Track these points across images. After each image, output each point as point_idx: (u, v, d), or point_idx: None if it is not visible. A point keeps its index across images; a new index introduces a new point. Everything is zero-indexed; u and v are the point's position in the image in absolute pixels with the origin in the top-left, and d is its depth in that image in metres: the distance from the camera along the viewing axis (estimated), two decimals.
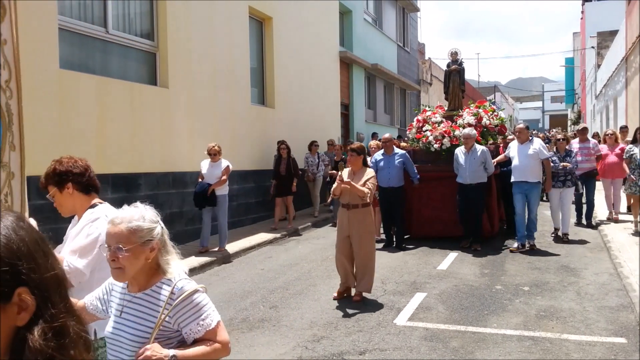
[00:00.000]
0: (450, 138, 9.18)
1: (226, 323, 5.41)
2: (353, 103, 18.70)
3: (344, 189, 5.83)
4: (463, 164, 8.35)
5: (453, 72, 10.33)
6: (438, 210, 9.08)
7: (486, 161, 8.34)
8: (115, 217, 2.02)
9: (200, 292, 2.07)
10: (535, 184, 8.16)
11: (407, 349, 4.64)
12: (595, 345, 4.61)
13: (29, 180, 6.74)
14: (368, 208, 6.00)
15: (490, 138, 9.60)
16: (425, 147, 9.43)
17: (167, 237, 2.11)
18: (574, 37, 47.61)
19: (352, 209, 5.93)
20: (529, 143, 8.18)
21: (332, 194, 6.09)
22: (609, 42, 24.39)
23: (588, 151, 10.13)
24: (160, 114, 8.64)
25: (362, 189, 5.78)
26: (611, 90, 21.75)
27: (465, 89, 10.57)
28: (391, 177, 8.65)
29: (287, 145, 10.73)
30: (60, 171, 2.82)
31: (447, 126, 9.43)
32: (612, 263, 7.34)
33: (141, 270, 2.04)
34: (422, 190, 9.09)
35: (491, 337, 4.86)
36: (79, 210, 2.84)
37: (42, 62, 6.56)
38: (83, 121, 7.16)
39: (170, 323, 2.01)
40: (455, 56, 10.34)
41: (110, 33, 7.91)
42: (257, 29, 12.23)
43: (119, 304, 2.12)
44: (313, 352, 4.63)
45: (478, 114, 9.58)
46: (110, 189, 7.54)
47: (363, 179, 5.93)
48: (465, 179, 8.34)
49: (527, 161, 8.08)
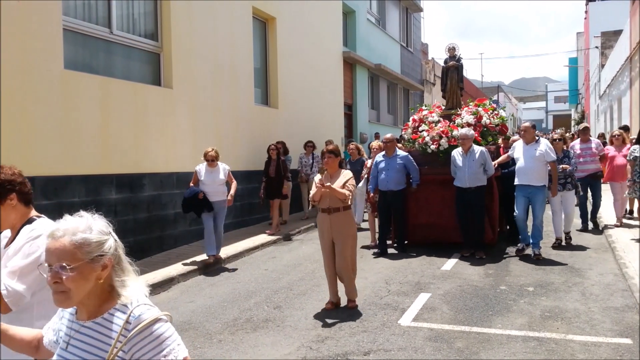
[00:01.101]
0: (448, 138, 8.60)
1: (230, 323, 5.43)
2: (356, 103, 18.70)
3: (324, 194, 5.61)
4: (461, 166, 7.85)
5: (451, 69, 9.77)
6: (436, 215, 8.56)
7: (486, 162, 7.83)
8: (55, 229, 1.67)
9: (163, 322, 1.67)
10: (540, 187, 7.66)
11: (412, 350, 4.63)
12: (600, 345, 4.59)
13: (33, 180, 6.70)
14: (349, 211, 5.77)
15: (491, 138, 9.09)
16: (422, 148, 8.84)
17: (122, 252, 1.76)
18: (578, 37, 47.56)
19: (334, 213, 5.67)
20: (535, 144, 7.70)
21: (312, 200, 5.78)
22: (613, 42, 24.33)
23: (591, 152, 9.71)
24: (164, 114, 8.65)
25: (342, 192, 5.57)
26: (615, 90, 21.69)
27: (463, 86, 10.01)
28: (389, 180, 8.21)
29: (276, 146, 10.35)
30: (2, 180, 2.44)
31: (444, 126, 8.88)
32: (617, 264, 7.31)
33: (91, 294, 1.67)
34: (420, 194, 8.55)
35: (496, 337, 4.85)
36: (17, 224, 2.50)
37: (47, 62, 6.57)
38: (87, 121, 7.17)
39: (125, 359, 1.63)
40: (453, 52, 9.77)
41: (115, 33, 7.93)
42: (261, 29, 12.24)
43: (67, 333, 1.76)
44: (317, 353, 4.62)
45: (477, 113, 9.07)
46: (114, 189, 7.56)
47: (341, 181, 5.68)
48: (463, 182, 7.82)
49: (532, 163, 7.59)
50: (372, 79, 20.57)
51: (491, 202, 8.33)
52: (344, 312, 5.69)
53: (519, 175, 7.76)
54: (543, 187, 7.70)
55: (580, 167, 9.38)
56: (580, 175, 9.38)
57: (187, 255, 8.19)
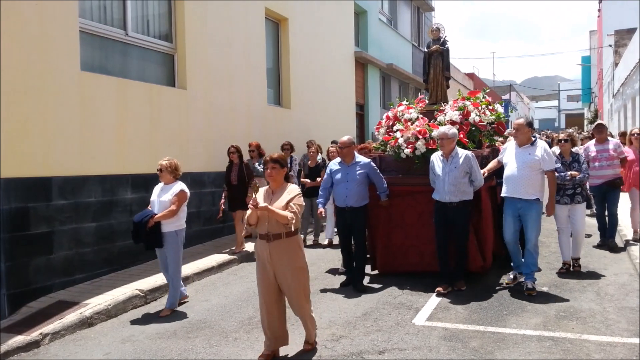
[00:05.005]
0: (426, 140, 6.84)
1: (245, 322, 5.48)
2: (368, 103, 18.71)
3: (261, 216, 4.40)
4: (440, 174, 6.23)
5: (434, 54, 7.87)
6: (412, 236, 6.91)
7: (472, 171, 6.16)
8: None
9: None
10: (533, 202, 6.02)
11: (427, 349, 4.64)
12: (616, 346, 4.58)
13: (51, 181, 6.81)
14: (295, 237, 4.50)
15: (486, 140, 7.48)
16: (394, 152, 7.08)
17: None
18: (591, 35, 47.18)
19: (274, 241, 4.42)
20: (530, 147, 6.13)
21: (247, 224, 4.50)
22: (627, 40, 24.11)
23: (608, 154, 8.00)
24: (179, 115, 8.73)
25: (284, 214, 4.31)
26: (629, 89, 21.48)
27: (450, 75, 8.08)
28: (349, 195, 6.55)
29: (237, 148, 8.63)
30: None
31: (422, 125, 7.12)
32: (631, 263, 7.27)
33: None
34: (392, 210, 6.90)
35: (511, 337, 4.85)
36: None
37: (64, 64, 6.67)
38: (103, 122, 7.26)
39: None
40: (437, 34, 7.90)
41: (130, 35, 8.02)
42: (273, 30, 12.30)
43: None
44: (332, 351, 4.66)
45: (464, 108, 7.22)
46: (130, 189, 7.64)
47: (284, 199, 4.45)
48: (443, 195, 6.20)
49: (524, 171, 6.02)
50: (383, 79, 20.57)
51: (479, 219, 6.68)
52: (358, 311, 5.71)
53: (507, 184, 6.19)
54: (537, 202, 6.06)
55: (595, 172, 7.90)
56: (595, 182, 8.02)
57: (201, 255, 8.26)
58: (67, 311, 5.75)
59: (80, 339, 5.30)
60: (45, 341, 5.18)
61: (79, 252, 6.82)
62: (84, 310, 5.78)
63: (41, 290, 6.27)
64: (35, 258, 6.23)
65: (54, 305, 5.97)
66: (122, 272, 7.28)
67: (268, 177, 4.57)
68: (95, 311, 5.79)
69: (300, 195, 4.54)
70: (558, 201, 6.78)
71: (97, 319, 5.75)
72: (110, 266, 7.26)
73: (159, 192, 6.04)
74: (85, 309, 5.80)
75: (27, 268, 6.13)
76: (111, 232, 7.30)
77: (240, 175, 8.49)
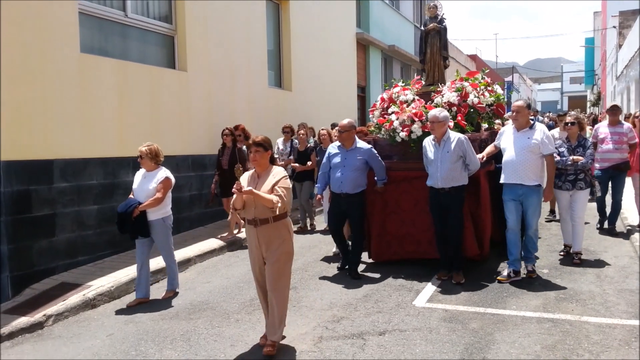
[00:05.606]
0: (423, 123, 6.55)
1: (247, 303, 5.52)
2: (370, 85, 18.62)
3: (247, 200, 4.31)
4: (433, 159, 6.00)
5: (431, 33, 7.52)
6: (408, 223, 6.66)
7: (466, 155, 5.90)
8: None
9: None
10: (534, 187, 5.90)
11: (427, 330, 4.68)
12: (615, 327, 4.61)
13: (52, 163, 6.78)
14: (283, 221, 4.39)
15: (486, 122, 7.24)
16: (389, 135, 6.82)
17: None
18: (595, 16, 46.74)
19: (262, 226, 4.32)
20: (529, 130, 5.93)
21: (232, 208, 4.50)
22: (632, 22, 23.90)
23: (620, 137, 7.82)
24: (179, 97, 8.70)
25: (269, 198, 4.21)
26: (633, 71, 21.33)
27: (448, 55, 7.69)
28: (344, 180, 6.32)
29: (231, 131, 8.39)
30: None
31: (418, 107, 6.82)
32: (632, 246, 7.29)
33: None
34: (387, 196, 6.66)
35: (510, 318, 4.89)
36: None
37: (63, 46, 6.63)
38: (103, 104, 7.24)
39: None
40: (435, 11, 7.55)
41: (129, 17, 7.95)
42: (274, 12, 12.20)
43: None
44: (333, 332, 4.70)
45: (462, 89, 6.98)
46: (131, 172, 7.63)
47: (270, 182, 4.35)
48: (436, 182, 5.96)
49: (523, 156, 5.84)
50: (385, 60, 20.45)
51: (477, 206, 6.45)
52: (359, 293, 5.75)
53: (505, 170, 6.02)
54: (538, 188, 5.95)
55: (603, 155, 7.85)
56: (604, 165, 7.89)
57: (202, 237, 8.30)
58: (70, 293, 5.80)
59: (84, 320, 5.35)
60: (48, 322, 5.23)
61: (81, 234, 6.86)
62: (87, 292, 5.82)
63: (44, 273, 6.32)
64: (38, 240, 6.26)
65: (57, 287, 6.02)
66: (125, 254, 7.32)
67: (252, 162, 4.49)
68: (98, 293, 5.84)
69: (286, 177, 4.43)
70: (560, 187, 6.63)
71: (100, 301, 5.80)
72: (112, 248, 7.30)
73: (142, 180, 5.84)
74: (88, 291, 5.84)
75: (30, 250, 6.17)
76: (113, 214, 7.25)
77: (232, 159, 8.14)
